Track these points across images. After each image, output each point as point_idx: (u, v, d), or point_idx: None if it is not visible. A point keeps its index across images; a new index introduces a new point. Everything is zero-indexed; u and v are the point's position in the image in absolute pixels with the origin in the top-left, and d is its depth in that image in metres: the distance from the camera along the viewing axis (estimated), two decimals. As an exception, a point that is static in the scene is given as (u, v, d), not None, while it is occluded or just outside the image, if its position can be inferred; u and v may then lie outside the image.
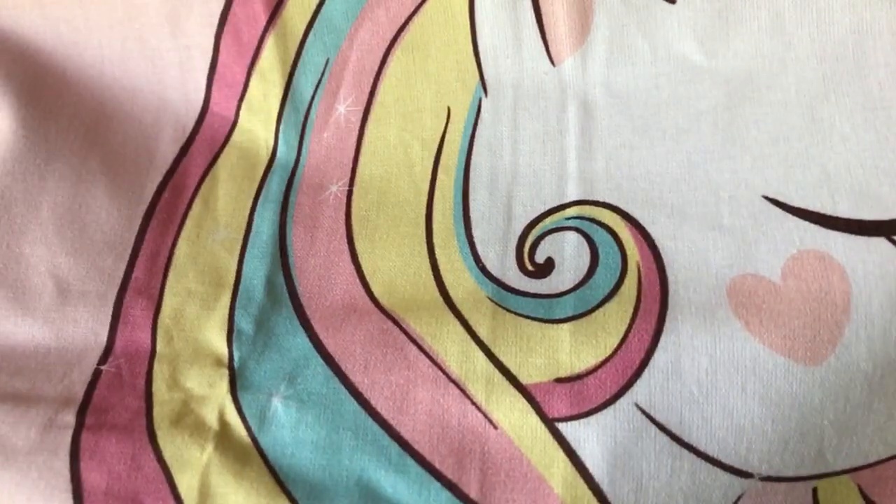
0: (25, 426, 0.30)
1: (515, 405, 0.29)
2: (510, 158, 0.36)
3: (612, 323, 0.30)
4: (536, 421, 0.29)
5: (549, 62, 0.37)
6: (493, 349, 0.30)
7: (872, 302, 0.29)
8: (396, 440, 0.29)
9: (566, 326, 0.30)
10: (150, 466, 0.30)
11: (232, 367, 0.32)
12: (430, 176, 0.36)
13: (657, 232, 0.32)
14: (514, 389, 0.29)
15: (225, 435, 0.30)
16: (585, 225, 0.33)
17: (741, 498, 0.28)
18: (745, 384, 0.28)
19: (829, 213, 0.31)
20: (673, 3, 0.35)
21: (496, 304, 0.32)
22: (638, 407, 0.29)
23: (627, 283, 0.31)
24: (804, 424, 0.28)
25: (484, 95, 0.38)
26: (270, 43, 0.38)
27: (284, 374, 0.31)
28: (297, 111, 0.39)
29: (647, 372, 0.29)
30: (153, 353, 0.33)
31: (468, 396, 0.30)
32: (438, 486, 0.29)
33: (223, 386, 0.31)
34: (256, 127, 0.39)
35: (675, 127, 0.35)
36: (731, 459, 0.28)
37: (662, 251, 0.32)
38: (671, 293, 0.31)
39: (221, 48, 0.39)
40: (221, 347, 0.32)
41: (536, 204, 0.35)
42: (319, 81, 0.39)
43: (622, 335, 0.30)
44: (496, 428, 0.29)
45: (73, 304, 0.34)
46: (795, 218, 0.31)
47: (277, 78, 0.38)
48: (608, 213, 0.33)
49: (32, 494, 0.29)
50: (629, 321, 0.30)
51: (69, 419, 0.31)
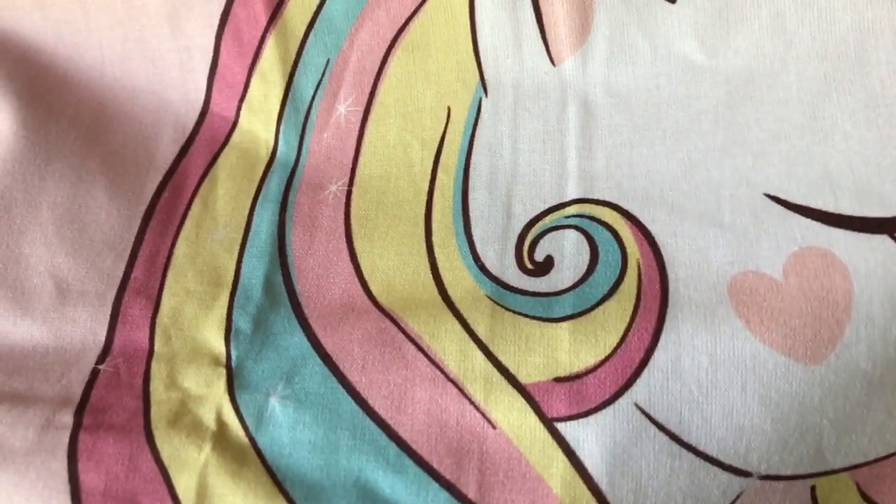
0: (23, 427, 0.30)
1: (514, 405, 0.29)
2: (510, 158, 0.36)
3: (611, 321, 0.30)
4: (535, 421, 0.29)
5: (549, 62, 0.37)
6: (491, 348, 0.30)
7: (874, 301, 0.29)
8: (394, 440, 0.29)
9: (565, 325, 0.30)
10: (147, 467, 0.29)
11: (229, 366, 0.32)
12: (429, 175, 0.36)
13: (657, 230, 0.32)
14: (512, 389, 0.29)
15: (222, 435, 0.30)
16: (585, 223, 0.33)
17: (740, 497, 0.28)
18: (745, 383, 0.28)
19: (831, 210, 0.31)
20: (673, 2, 0.35)
21: (495, 302, 0.32)
22: (637, 407, 0.28)
23: (627, 280, 0.31)
24: (803, 423, 0.28)
25: (484, 95, 0.37)
26: (271, 43, 0.38)
27: (282, 373, 0.31)
28: (297, 111, 0.39)
29: (646, 371, 0.29)
30: (151, 352, 0.33)
31: (466, 396, 0.30)
32: (437, 486, 0.28)
33: (221, 385, 0.31)
34: (257, 127, 0.39)
35: (675, 126, 0.35)
36: (730, 459, 0.28)
37: (663, 248, 0.32)
38: (671, 291, 0.30)
39: (222, 49, 0.39)
40: (219, 347, 0.32)
41: (536, 202, 0.35)
42: (320, 82, 0.39)
43: (622, 334, 0.30)
44: (495, 428, 0.29)
45: (72, 304, 0.34)
46: (797, 215, 0.31)
47: (278, 78, 0.38)
48: (608, 211, 0.33)
49: (30, 495, 0.29)
50: (629, 320, 0.30)
51: (67, 419, 0.30)
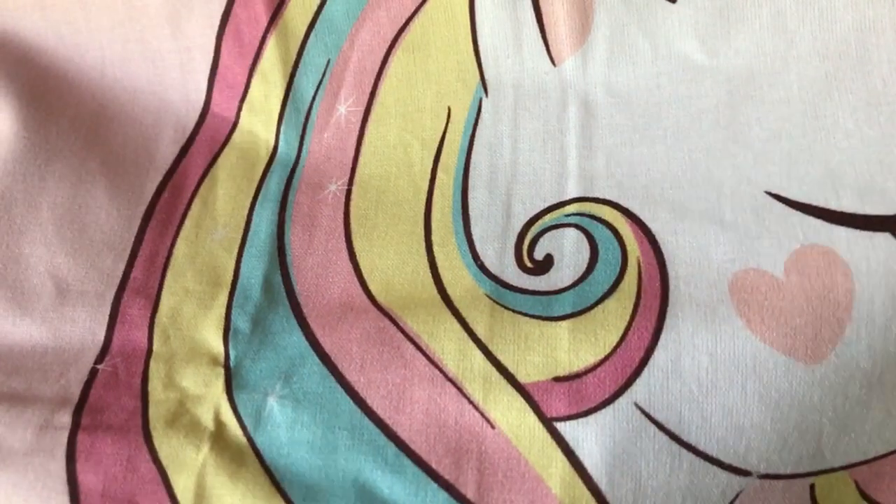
0: (22, 427, 0.30)
1: (513, 404, 0.29)
2: (510, 157, 0.36)
3: (611, 320, 0.30)
4: (534, 420, 0.28)
5: (549, 62, 0.37)
6: (490, 347, 0.30)
7: (875, 299, 0.29)
8: (393, 440, 0.29)
9: (565, 324, 0.30)
10: (145, 468, 0.29)
11: (228, 366, 0.32)
12: (429, 175, 0.36)
13: (658, 228, 0.32)
14: (511, 388, 0.29)
15: (220, 435, 0.30)
16: (585, 221, 0.33)
17: (739, 496, 0.28)
18: (745, 383, 0.28)
19: (833, 208, 0.31)
20: (674, 2, 0.35)
21: (494, 301, 0.32)
22: (637, 406, 0.28)
23: (627, 278, 0.31)
24: (803, 422, 0.28)
25: (484, 95, 0.37)
26: (272, 44, 0.38)
27: (280, 372, 0.31)
28: (298, 112, 0.39)
29: (646, 371, 0.28)
30: (149, 352, 0.33)
31: (465, 395, 0.29)
32: (435, 486, 0.28)
33: (219, 385, 0.31)
34: (257, 128, 0.39)
35: (676, 125, 0.35)
36: (729, 458, 0.28)
37: (663, 246, 0.31)
38: (672, 289, 0.30)
39: (223, 49, 0.39)
40: (217, 346, 0.32)
41: (536, 201, 0.34)
42: (320, 82, 0.38)
43: (622, 333, 0.29)
44: (494, 427, 0.29)
45: (71, 303, 0.34)
46: (799, 213, 0.31)
47: (279, 79, 0.38)
48: (608, 209, 0.33)
49: (29, 496, 0.29)
50: (629, 318, 0.30)
51: (65, 420, 0.30)
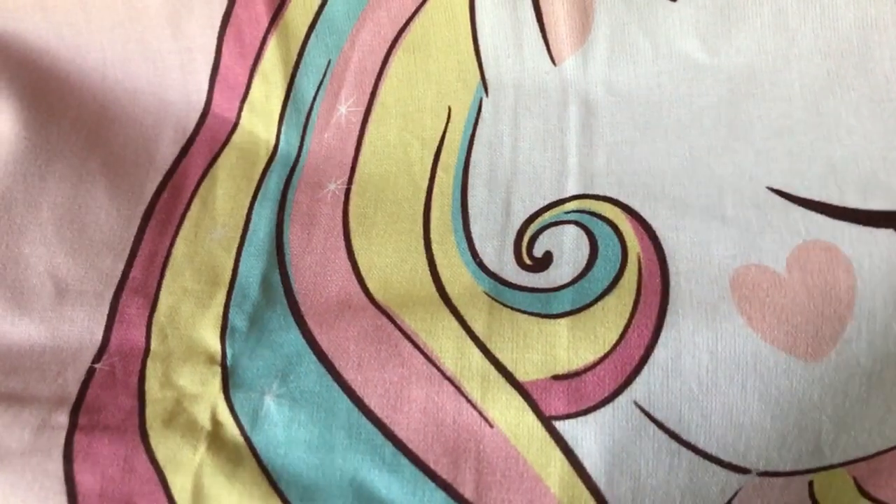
0: (19, 427, 0.30)
1: (511, 403, 0.29)
2: (510, 156, 0.36)
3: (611, 317, 0.29)
4: (533, 419, 0.28)
5: (550, 61, 0.37)
6: (488, 345, 0.30)
7: (876, 297, 0.28)
8: (390, 439, 0.29)
9: (564, 321, 0.30)
10: (143, 468, 0.29)
11: (224, 364, 0.31)
12: (429, 174, 0.36)
13: (658, 224, 0.32)
14: (510, 387, 0.29)
15: (217, 435, 0.30)
16: (585, 218, 0.33)
17: (738, 493, 0.28)
18: (745, 381, 0.28)
19: (836, 203, 0.30)
20: (674, 0, 0.35)
21: (493, 298, 0.31)
22: (637, 405, 0.28)
23: (627, 275, 0.31)
24: (803, 420, 0.28)
25: (485, 95, 0.37)
26: (272, 44, 0.38)
27: (277, 371, 0.31)
28: (298, 112, 0.39)
29: (646, 369, 0.28)
30: (147, 351, 0.32)
31: (463, 394, 0.29)
32: (433, 486, 0.28)
33: (215, 384, 0.31)
34: (258, 128, 0.39)
35: (677, 123, 0.34)
36: (729, 456, 0.28)
37: (664, 242, 0.31)
38: (672, 285, 0.30)
39: (224, 50, 0.39)
40: (215, 345, 0.32)
41: (536, 199, 0.34)
42: (321, 82, 0.38)
43: (621, 330, 0.29)
44: (492, 426, 0.29)
45: (70, 303, 0.34)
46: (801, 208, 0.31)
47: (279, 79, 0.38)
48: (608, 206, 0.33)
49: (27, 497, 0.28)
50: (629, 316, 0.29)
51: (62, 420, 0.30)
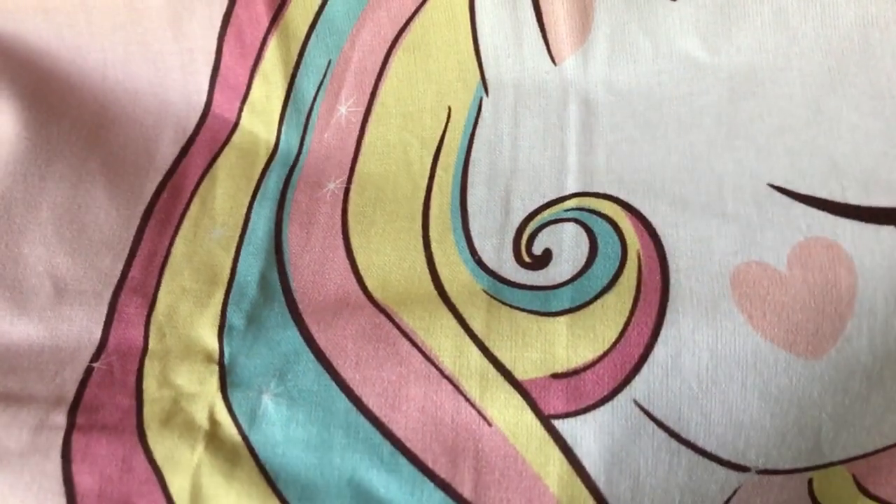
0: (17, 427, 0.30)
1: (510, 401, 0.28)
2: (510, 154, 0.36)
3: (610, 315, 0.29)
4: (532, 418, 0.28)
5: (550, 61, 0.37)
6: (487, 343, 0.30)
7: (877, 294, 0.28)
8: (388, 438, 0.29)
9: (563, 319, 0.30)
10: (141, 468, 0.29)
11: (222, 363, 0.31)
12: (428, 173, 0.36)
13: (659, 221, 0.32)
14: (508, 385, 0.29)
15: (215, 434, 0.30)
16: (585, 216, 0.33)
17: (737, 491, 0.27)
18: (745, 379, 0.28)
19: (837, 200, 0.30)
20: (674, -1, 0.35)
21: (491, 296, 0.31)
22: (636, 403, 0.28)
23: (627, 272, 0.30)
24: (802, 418, 0.28)
25: (485, 95, 0.37)
26: (273, 44, 0.38)
27: (275, 370, 0.31)
28: (298, 112, 0.39)
29: (646, 367, 0.28)
30: (145, 350, 0.32)
31: (462, 393, 0.29)
32: (431, 486, 0.28)
33: (213, 383, 0.31)
34: (258, 128, 0.39)
35: (677, 121, 0.34)
36: (728, 454, 0.27)
37: (664, 239, 0.31)
38: (672, 282, 0.30)
39: (224, 50, 0.39)
40: (212, 343, 0.32)
41: (535, 197, 0.34)
42: (321, 82, 0.38)
43: (621, 328, 0.29)
44: (490, 425, 0.28)
45: (68, 303, 0.34)
46: (802, 205, 0.30)
47: (280, 79, 0.38)
48: (608, 203, 0.33)
49: (26, 498, 0.28)
50: (628, 313, 0.29)
51: (60, 419, 0.30)
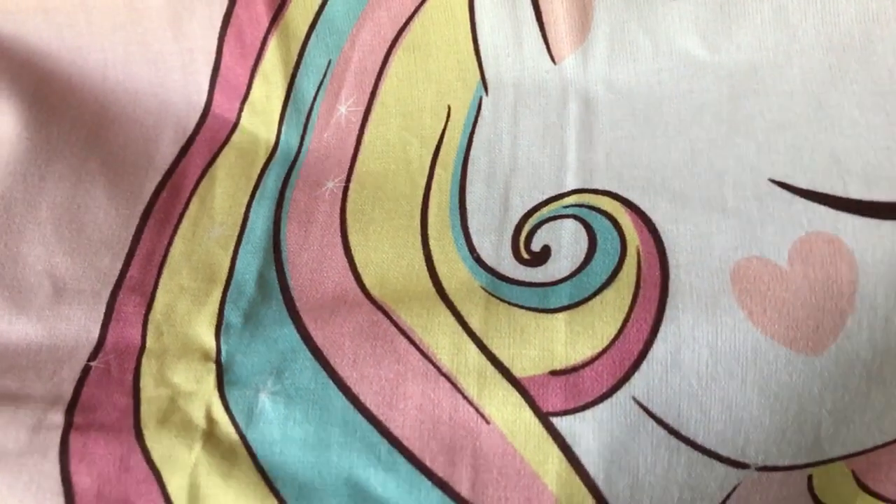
0: (15, 427, 0.30)
1: (508, 399, 0.28)
2: (509, 153, 0.35)
3: (609, 311, 0.29)
4: (530, 415, 0.28)
5: (550, 60, 0.37)
6: (485, 341, 0.29)
7: (878, 290, 0.28)
8: (386, 436, 0.28)
9: (561, 316, 0.29)
10: (139, 467, 0.29)
11: (219, 361, 0.31)
12: (427, 171, 0.36)
13: (658, 217, 0.31)
14: (507, 383, 0.28)
15: (212, 433, 0.29)
16: (584, 212, 0.32)
17: (737, 488, 0.27)
18: (745, 376, 0.27)
19: (839, 194, 0.30)
20: (674, -3, 0.35)
21: (490, 293, 0.31)
22: (635, 400, 0.27)
23: (626, 268, 0.30)
24: (802, 415, 0.27)
25: (485, 94, 0.37)
26: (273, 44, 0.38)
27: (272, 368, 0.30)
28: (298, 112, 0.39)
29: (645, 364, 0.28)
30: (143, 348, 0.32)
31: (459, 390, 0.29)
32: (429, 484, 0.28)
33: (210, 381, 0.30)
34: (258, 128, 0.39)
35: (677, 118, 0.34)
36: (728, 451, 0.27)
37: (663, 235, 0.31)
38: (672, 278, 0.29)
39: (224, 50, 0.39)
40: (210, 342, 0.32)
41: (534, 194, 0.34)
42: (321, 82, 0.38)
43: (620, 325, 0.29)
44: (488, 423, 0.28)
45: (67, 302, 0.34)
46: (804, 200, 0.30)
47: (280, 79, 0.38)
48: (607, 199, 0.32)
49: (24, 498, 0.28)
50: (627, 310, 0.29)
51: (58, 419, 0.30)
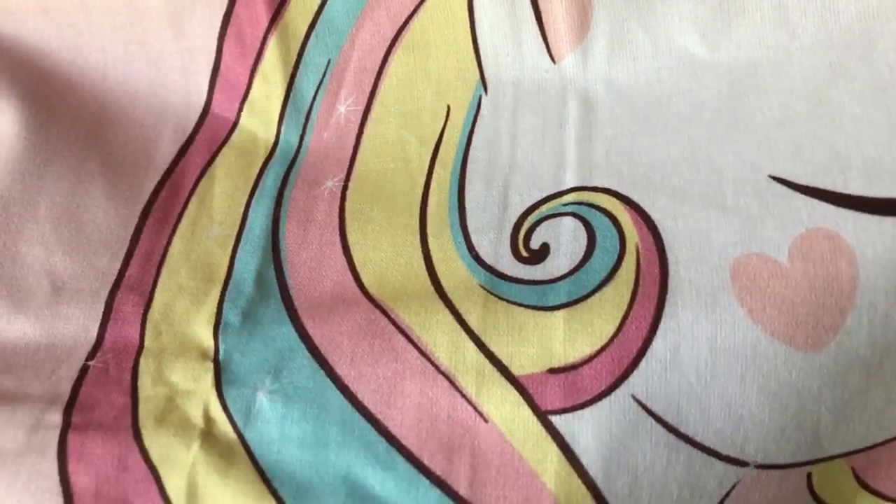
0: (13, 427, 0.29)
1: (507, 397, 0.28)
2: (508, 152, 0.35)
3: (608, 309, 0.29)
4: (529, 414, 0.28)
5: (549, 59, 0.37)
6: (483, 339, 0.29)
7: (878, 287, 0.28)
8: (384, 435, 0.28)
9: (560, 313, 0.29)
10: (137, 467, 0.29)
11: (217, 360, 0.31)
12: (426, 170, 0.36)
13: (658, 214, 0.31)
14: (505, 381, 0.28)
15: (210, 432, 0.29)
16: (583, 210, 0.32)
17: (736, 486, 0.27)
18: (744, 373, 0.27)
19: (839, 190, 0.30)
20: (673, -4, 0.35)
21: (488, 291, 0.31)
22: (634, 398, 0.27)
23: (625, 265, 0.30)
24: (801, 412, 0.27)
25: (484, 93, 0.37)
26: (272, 44, 0.38)
27: (270, 367, 0.30)
28: (298, 112, 0.38)
29: (644, 362, 0.28)
30: (141, 347, 0.32)
31: (458, 389, 0.29)
32: (427, 483, 0.27)
33: (208, 380, 0.30)
34: (257, 128, 0.39)
35: (676, 116, 0.34)
36: (727, 449, 0.27)
37: (663, 231, 0.30)
38: (671, 275, 0.29)
39: (224, 50, 0.39)
40: (208, 340, 0.32)
41: (533, 192, 0.34)
42: (321, 82, 0.38)
43: (619, 322, 0.28)
44: (487, 421, 0.28)
45: (66, 301, 0.33)
46: (804, 196, 0.30)
47: (279, 79, 0.38)
48: (606, 197, 0.32)
49: (23, 498, 0.28)
50: (626, 307, 0.29)
51: (56, 418, 0.30)
